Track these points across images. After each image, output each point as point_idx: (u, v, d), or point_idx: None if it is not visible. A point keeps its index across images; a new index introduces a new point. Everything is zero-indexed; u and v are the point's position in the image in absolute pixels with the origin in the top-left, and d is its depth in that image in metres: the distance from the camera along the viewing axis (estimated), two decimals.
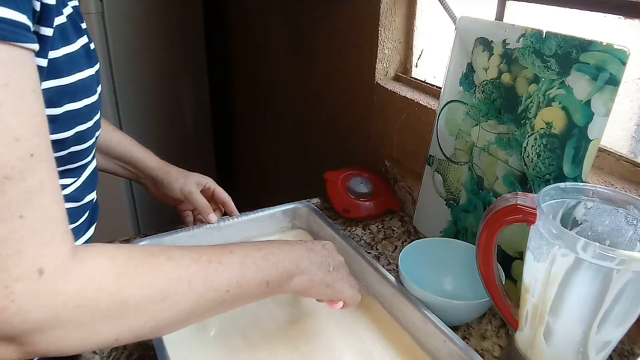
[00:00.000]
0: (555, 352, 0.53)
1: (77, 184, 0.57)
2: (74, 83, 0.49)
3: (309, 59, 1.33)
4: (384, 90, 1.00)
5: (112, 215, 1.86)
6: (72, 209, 0.57)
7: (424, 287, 0.64)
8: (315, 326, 0.67)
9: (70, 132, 0.50)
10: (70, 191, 0.56)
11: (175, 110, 2.02)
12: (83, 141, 0.53)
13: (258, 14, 1.61)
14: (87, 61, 0.52)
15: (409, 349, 0.63)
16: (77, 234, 0.59)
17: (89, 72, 0.52)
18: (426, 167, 0.86)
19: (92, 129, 0.54)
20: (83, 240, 0.61)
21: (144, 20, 1.79)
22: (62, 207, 0.39)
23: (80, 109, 0.50)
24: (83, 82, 0.50)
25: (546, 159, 0.63)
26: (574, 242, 0.46)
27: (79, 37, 0.51)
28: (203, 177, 0.83)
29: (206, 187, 0.82)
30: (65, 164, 0.53)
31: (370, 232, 0.91)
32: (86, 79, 0.51)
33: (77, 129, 0.50)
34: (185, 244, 0.78)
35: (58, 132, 0.48)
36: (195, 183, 0.81)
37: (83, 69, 0.50)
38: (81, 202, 0.59)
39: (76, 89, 0.49)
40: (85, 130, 0.52)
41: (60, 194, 0.39)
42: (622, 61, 0.54)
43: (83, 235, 0.61)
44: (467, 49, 0.75)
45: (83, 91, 0.50)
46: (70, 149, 0.51)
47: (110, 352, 0.63)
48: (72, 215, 0.57)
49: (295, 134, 1.51)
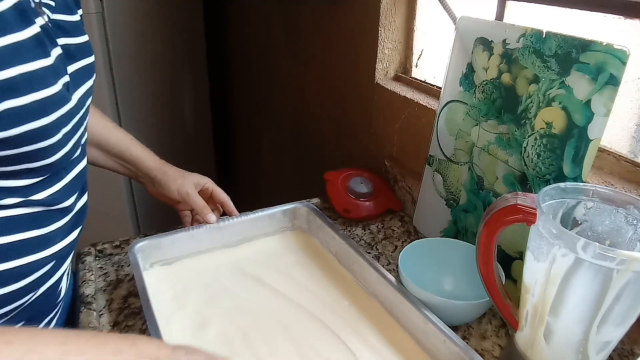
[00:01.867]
0: (555, 352, 0.53)
1: (56, 188, 0.55)
2: (15, 77, 0.44)
3: (308, 59, 1.33)
4: (384, 90, 1.00)
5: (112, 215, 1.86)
6: (44, 213, 0.54)
7: (424, 287, 0.64)
8: (315, 326, 0.67)
9: (15, 130, 0.45)
10: (46, 195, 0.53)
11: (175, 110, 2.02)
12: (40, 139, 0.48)
13: (258, 13, 1.61)
14: (37, 52, 0.47)
15: (409, 349, 0.63)
16: (53, 239, 0.57)
17: (40, 63, 0.47)
18: (426, 167, 0.86)
19: (53, 126, 0.49)
20: (61, 245, 0.58)
21: (144, 20, 1.79)
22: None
23: (26, 105, 0.45)
24: (30, 75, 0.46)
25: (546, 159, 0.63)
26: (574, 242, 0.46)
27: (26, 26, 0.46)
28: (202, 178, 0.83)
29: (205, 188, 0.82)
30: (21, 162, 0.49)
31: (370, 232, 0.91)
32: (36, 71, 0.46)
33: (26, 127, 0.46)
34: (185, 244, 0.79)
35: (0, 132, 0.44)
36: (193, 184, 0.80)
37: (29, 61, 0.46)
38: (58, 206, 0.56)
39: (18, 83, 0.45)
40: (39, 128, 0.47)
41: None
42: (622, 61, 0.54)
43: (61, 240, 0.58)
44: (467, 49, 0.75)
45: (29, 85, 0.46)
46: (22, 148, 0.47)
47: None
48: (43, 220, 0.55)
49: (295, 134, 1.51)
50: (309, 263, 0.80)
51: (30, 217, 0.53)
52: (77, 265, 0.79)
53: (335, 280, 0.76)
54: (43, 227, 0.55)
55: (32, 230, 0.54)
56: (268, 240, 0.86)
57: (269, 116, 1.70)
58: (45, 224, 0.55)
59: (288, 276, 0.76)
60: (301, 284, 0.75)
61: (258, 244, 0.84)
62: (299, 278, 0.76)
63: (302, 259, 0.81)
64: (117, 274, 0.78)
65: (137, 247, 0.74)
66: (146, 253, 0.75)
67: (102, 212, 1.66)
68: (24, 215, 0.53)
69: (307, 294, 0.72)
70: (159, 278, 0.74)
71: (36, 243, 0.54)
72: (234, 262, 0.79)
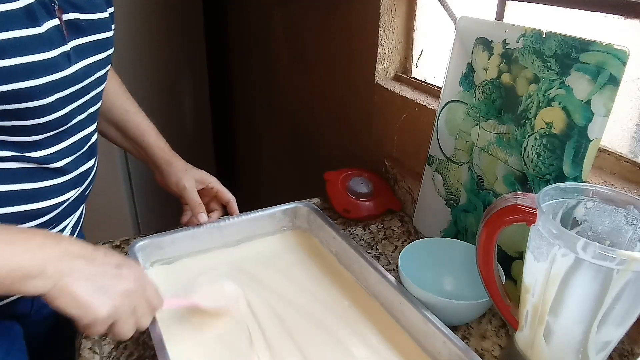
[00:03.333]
0: (555, 352, 0.53)
1: (53, 149, 0.59)
2: (1, 41, 0.48)
3: (308, 59, 1.33)
4: (384, 90, 1.00)
5: (112, 215, 1.86)
6: (36, 169, 0.58)
7: (424, 287, 0.64)
8: (315, 326, 0.67)
9: (2, 87, 0.49)
10: (42, 154, 0.57)
11: (176, 110, 2.02)
12: (28, 99, 0.52)
13: (258, 14, 1.61)
14: (26, 22, 0.51)
15: (408, 349, 0.63)
16: (47, 194, 0.60)
17: (29, 32, 0.51)
18: (426, 167, 0.86)
19: (42, 89, 0.53)
20: (57, 200, 0.61)
21: (144, 20, 1.79)
22: None
23: (12, 66, 0.49)
24: (16, 41, 0.49)
25: (546, 159, 0.63)
26: (574, 242, 0.46)
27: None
28: (207, 176, 0.82)
29: (209, 187, 0.82)
30: (11, 119, 0.53)
31: (370, 232, 0.91)
32: (23, 38, 0.50)
33: (12, 86, 0.50)
34: (185, 244, 0.79)
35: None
36: (194, 179, 0.80)
37: (16, 28, 0.49)
38: (53, 165, 0.59)
39: (4, 46, 0.48)
40: (27, 89, 0.51)
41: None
42: (622, 61, 0.54)
43: (56, 197, 0.61)
44: (467, 49, 0.75)
45: (15, 49, 0.49)
46: (10, 105, 0.51)
47: (110, 352, 0.63)
48: (36, 175, 0.58)
49: (295, 134, 1.51)
50: (309, 263, 0.80)
51: (22, 171, 0.57)
52: None
53: (335, 280, 0.76)
54: (33, 182, 0.58)
55: (23, 183, 0.58)
56: (268, 239, 0.86)
57: (269, 116, 1.70)
58: (36, 179, 0.59)
59: (288, 276, 0.77)
60: (301, 284, 0.75)
61: (258, 244, 0.84)
62: (299, 278, 0.76)
63: (302, 259, 0.81)
64: None
65: (138, 247, 0.74)
66: (146, 253, 0.75)
67: (102, 212, 1.66)
68: (17, 169, 0.57)
69: (307, 294, 0.72)
70: (159, 277, 0.74)
71: (27, 196, 0.58)
72: (234, 262, 0.79)
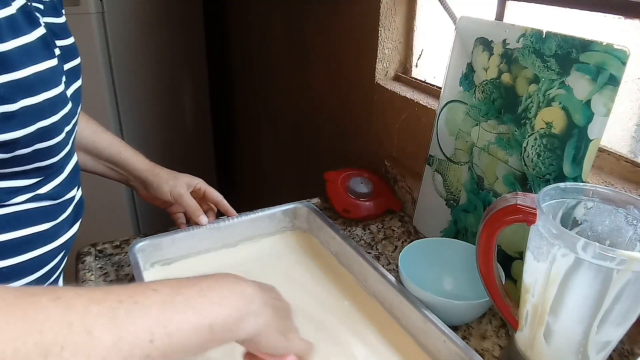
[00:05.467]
0: (555, 352, 0.53)
1: (57, 182, 0.57)
2: (29, 77, 0.46)
3: (308, 59, 1.33)
4: (384, 90, 1.00)
5: (112, 215, 1.86)
6: (51, 207, 0.57)
7: (424, 287, 0.64)
8: (315, 326, 0.67)
9: (30, 128, 0.47)
10: (49, 189, 0.56)
11: (176, 110, 2.02)
12: (49, 137, 0.51)
13: (258, 14, 1.61)
14: (45, 53, 0.49)
15: (408, 349, 0.63)
16: (60, 230, 0.59)
17: (48, 64, 0.49)
18: (426, 167, 0.86)
19: (59, 124, 0.51)
20: (67, 236, 0.60)
21: (144, 20, 1.79)
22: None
23: (39, 103, 0.48)
24: (41, 75, 0.48)
25: (546, 159, 0.63)
26: (574, 242, 0.46)
27: (34, 28, 0.48)
28: (193, 178, 0.82)
29: (197, 188, 0.82)
30: (33, 162, 0.51)
31: (370, 232, 0.91)
32: (45, 71, 0.49)
33: (38, 125, 0.48)
34: (185, 244, 0.79)
35: (16, 129, 0.46)
36: (185, 185, 0.80)
37: (40, 61, 0.48)
38: (62, 199, 0.58)
39: (32, 82, 0.47)
40: (49, 126, 0.50)
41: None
42: (622, 61, 0.54)
43: (67, 232, 0.60)
44: (467, 49, 0.75)
45: (41, 85, 0.48)
46: (34, 146, 0.49)
47: None
48: (52, 213, 0.57)
49: (295, 134, 1.51)
50: (309, 263, 0.80)
51: (40, 211, 0.55)
52: (77, 265, 0.79)
53: (335, 280, 0.76)
54: (52, 220, 0.57)
55: (42, 223, 0.56)
56: (268, 240, 0.85)
57: (269, 116, 1.70)
58: (54, 216, 0.57)
59: (288, 276, 0.77)
60: (301, 284, 0.75)
61: (258, 244, 0.84)
62: (299, 278, 0.76)
63: (302, 259, 0.81)
64: (117, 274, 0.78)
65: (138, 247, 0.74)
66: (146, 253, 0.75)
67: (102, 212, 1.66)
68: (34, 209, 0.55)
69: (307, 294, 0.72)
70: (159, 278, 0.74)
71: (46, 236, 0.57)
72: (234, 262, 0.79)
